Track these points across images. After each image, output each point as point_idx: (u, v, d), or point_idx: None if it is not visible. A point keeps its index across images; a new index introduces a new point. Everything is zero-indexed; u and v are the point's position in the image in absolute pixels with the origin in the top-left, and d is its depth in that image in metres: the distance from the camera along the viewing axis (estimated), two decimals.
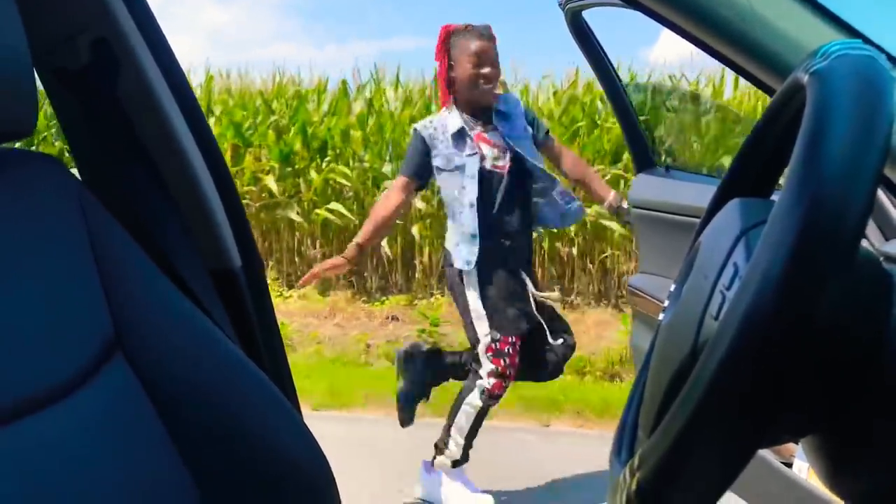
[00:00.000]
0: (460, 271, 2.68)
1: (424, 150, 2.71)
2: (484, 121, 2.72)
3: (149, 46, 1.01)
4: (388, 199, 2.77)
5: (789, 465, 1.57)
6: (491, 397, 2.63)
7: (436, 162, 2.70)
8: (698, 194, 1.97)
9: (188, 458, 0.89)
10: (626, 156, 5.78)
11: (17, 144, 1.11)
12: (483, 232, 2.62)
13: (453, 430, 2.73)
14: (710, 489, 0.43)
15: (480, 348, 2.65)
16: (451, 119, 2.72)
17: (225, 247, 1.05)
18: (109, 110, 1.02)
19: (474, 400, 2.66)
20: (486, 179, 2.64)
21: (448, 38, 2.73)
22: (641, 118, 2.55)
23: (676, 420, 0.44)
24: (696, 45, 0.78)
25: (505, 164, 2.66)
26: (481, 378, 2.64)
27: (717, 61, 0.79)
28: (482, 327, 2.64)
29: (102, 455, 0.81)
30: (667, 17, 0.78)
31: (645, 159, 2.45)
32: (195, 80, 7.48)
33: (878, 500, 0.51)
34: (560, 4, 2.38)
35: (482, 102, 2.71)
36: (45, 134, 6.63)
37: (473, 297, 2.66)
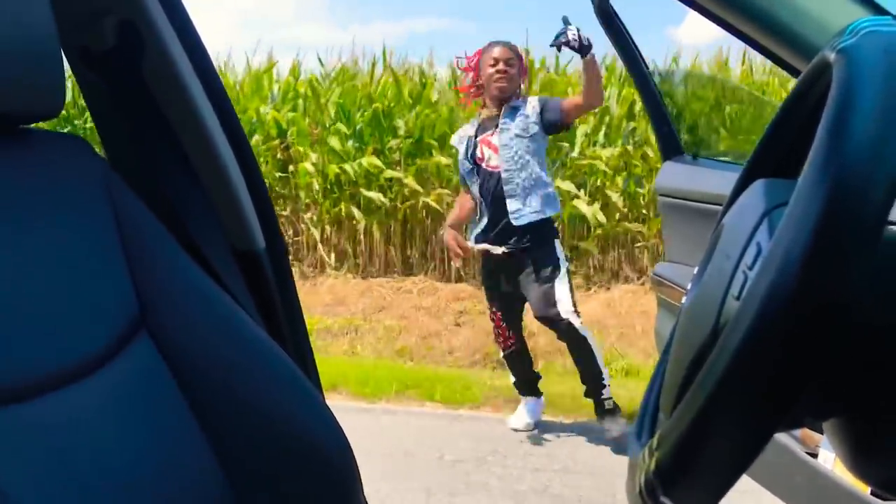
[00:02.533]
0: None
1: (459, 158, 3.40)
2: (498, 122, 3.24)
3: (174, 28, 1.02)
4: (456, 207, 3.53)
5: (815, 456, 1.55)
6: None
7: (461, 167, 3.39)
8: (726, 182, 1.94)
9: (210, 435, 0.90)
10: None
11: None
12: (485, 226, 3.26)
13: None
14: (729, 470, 0.43)
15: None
16: (469, 128, 3.39)
17: (249, 228, 1.06)
18: (135, 92, 1.03)
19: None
20: (484, 178, 3.24)
21: (478, 63, 3.29)
22: (671, 109, 2.52)
23: (695, 400, 0.43)
24: (723, 27, 0.77)
25: (496, 164, 3.21)
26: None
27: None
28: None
29: (126, 431, 0.82)
30: (699, 3, 0.77)
31: (672, 147, 2.43)
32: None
33: None
34: None
35: (497, 95, 3.24)
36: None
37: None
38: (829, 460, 1.49)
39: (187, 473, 0.87)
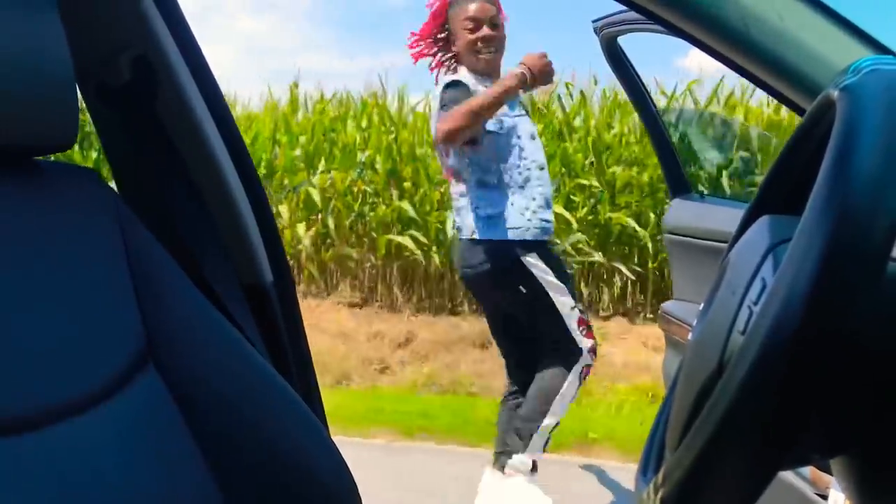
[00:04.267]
0: (530, 245, 2.47)
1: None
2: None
3: (187, 64, 1.04)
4: (455, 113, 2.39)
5: (825, 498, 1.53)
6: (586, 375, 2.50)
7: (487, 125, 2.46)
8: (734, 220, 1.95)
9: (215, 467, 0.89)
10: None
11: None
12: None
13: (541, 427, 2.45)
14: None
15: (571, 324, 2.46)
16: (488, 83, 2.49)
17: (257, 262, 1.07)
18: (148, 126, 1.04)
19: (571, 388, 2.46)
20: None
21: (445, 11, 2.55)
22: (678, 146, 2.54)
23: (699, 436, 0.43)
24: (726, 64, 0.78)
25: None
26: (581, 355, 2.46)
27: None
28: (567, 300, 2.47)
29: (131, 464, 0.81)
30: (702, 40, 0.78)
31: (680, 185, 2.44)
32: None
33: None
34: (595, 30, 2.39)
35: (487, 71, 2.53)
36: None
37: (548, 270, 2.48)
38: (840, 502, 1.47)
39: None
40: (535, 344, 2.56)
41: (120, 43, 1.02)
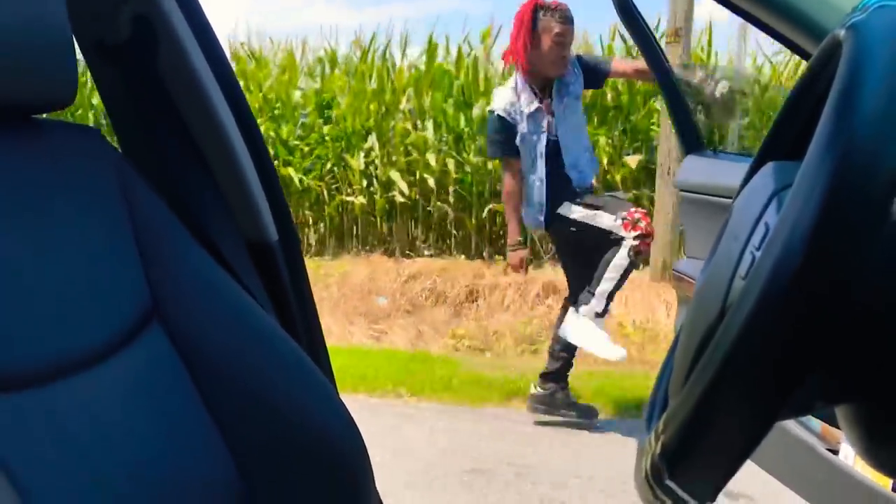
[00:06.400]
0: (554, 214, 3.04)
1: (507, 128, 3.05)
2: (545, 93, 3.07)
3: (188, 22, 1.02)
4: (510, 190, 3.14)
5: (836, 453, 1.53)
6: (638, 254, 2.98)
7: (518, 140, 3.05)
8: None
9: (221, 424, 0.90)
10: None
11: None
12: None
13: (597, 293, 3.01)
14: (734, 452, 0.42)
15: (616, 231, 2.95)
16: (524, 96, 3.06)
17: (261, 220, 1.06)
18: (149, 84, 1.03)
19: (621, 260, 2.96)
20: (550, 147, 3.05)
21: (535, 12, 2.99)
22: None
23: (700, 382, 0.42)
24: (732, 10, 0.76)
25: (556, 135, 3.07)
26: (626, 241, 2.94)
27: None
28: (605, 218, 2.97)
29: (136, 419, 0.82)
30: None
31: (693, 141, 2.41)
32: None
33: None
34: None
35: (553, 77, 3.06)
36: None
37: (578, 210, 3.01)
38: (851, 457, 1.46)
39: (197, 462, 0.87)
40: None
41: (119, 0, 1.01)
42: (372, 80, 6.65)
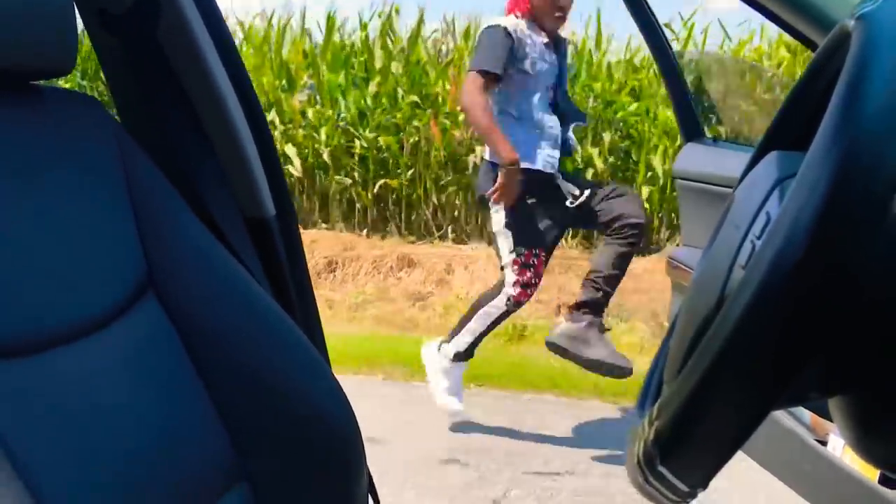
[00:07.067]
0: (528, 177, 2.69)
1: (509, 46, 2.70)
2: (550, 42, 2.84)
3: None
4: (480, 102, 2.68)
5: (825, 444, 1.54)
6: (517, 304, 2.77)
7: (521, 64, 2.73)
8: None
9: (216, 398, 0.90)
10: None
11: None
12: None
13: (465, 331, 2.83)
14: (727, 441, 0.42)
15: (506, 262, 2.75)
16: (538, 32, 2.79)
17: (259, 195, 1.06)
18: (150, 55, 1.02)
19: (498, 304, 2.77)
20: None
21: None
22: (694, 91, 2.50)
23: (696, 369, 0.42)
24: (747, 2, 0.75)
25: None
26: (506, 287, 2.75)
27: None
28: (506, 244, 2.75)
29: (131, 389, 0.82)
30: None
31: (693, 129, 2.40)
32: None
33: None
34: None
35: (550, 30, 2.82)
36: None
37: (500, 216, 2.74)
38: (839, 448, 1.47)
39: (192, 434, 0.87)
40: None
41: None
42: (271, 55, 6.66)
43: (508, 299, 2.77)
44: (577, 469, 2.69)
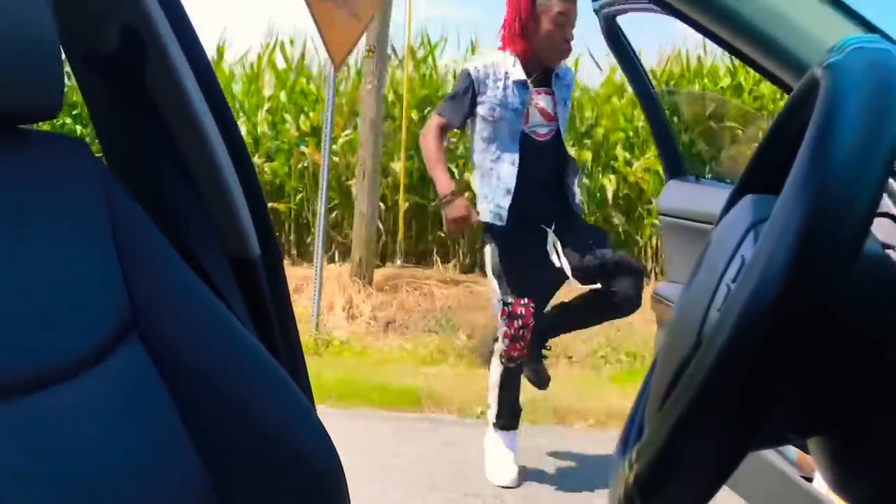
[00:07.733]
0: (486, 228, 2.69)
1: (472, 94, 2.64)
2: (539, 81, 2.68)
3: (176, 34, 1.02)
4: (433, 143, 2.69)
5: (810, 480, 1.54)
6: (509, 360, 2.67)
7: (480, 110, 2.64)
8: None
9: (198, 439, 0.89)
10: None
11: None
12: (514, 192, 2.61)
13: (490, 402, 2.78)
14: (705, 483, 0.42)
15: (496, 311, 2.70)
16: (513, 69, 2.63)
17: (244, 235, 1.06)
18: (135, 96, 1.03)
19: (495, 366, 2.74)
20: (523, 142, 2.62)
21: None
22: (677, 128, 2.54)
23: (672, 413, 0.43)
24: (713, 40, 0.77)
25: (546, 133, 2.67)
26: (498, 341, 2.69)
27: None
28: (495, 291, 2.69)
29: (113, 434, 0.81)
30: (696, 20, 0.77)
31: (675, 166, 2.43)
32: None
33: None
34: (595, 10, 2.38)
35: (551, 64, 2.69)
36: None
37: (492, 256, 2.68)
38: (825, 485, 1.47)
39: (172, 477, 0.86)
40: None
41: (107, 11, 1.01)
42: None
43: (502, 357, 2.68)
44: None
